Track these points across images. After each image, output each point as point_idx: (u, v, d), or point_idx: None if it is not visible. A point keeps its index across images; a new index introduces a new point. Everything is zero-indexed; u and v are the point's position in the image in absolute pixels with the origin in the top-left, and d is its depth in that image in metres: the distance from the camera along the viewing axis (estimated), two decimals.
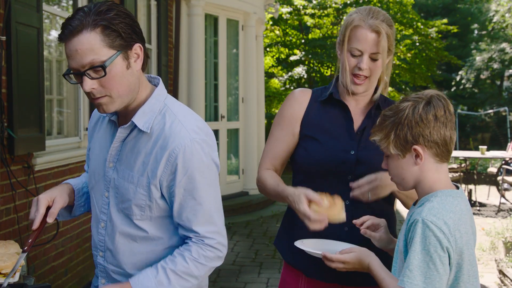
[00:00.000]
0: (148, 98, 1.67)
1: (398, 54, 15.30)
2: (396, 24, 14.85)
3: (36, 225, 1.68)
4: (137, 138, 1.66)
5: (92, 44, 1.51)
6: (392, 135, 1.59)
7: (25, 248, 1.70)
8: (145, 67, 1.66)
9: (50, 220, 1.70)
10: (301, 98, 2.04)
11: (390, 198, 2.00)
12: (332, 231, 1.90)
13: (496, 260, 5.18)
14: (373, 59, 1.91)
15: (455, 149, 10.86)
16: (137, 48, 1.59)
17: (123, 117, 1.70)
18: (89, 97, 1.60)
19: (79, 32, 1.50)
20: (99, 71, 1.53)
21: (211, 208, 1.65)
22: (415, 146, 1.57)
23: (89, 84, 1.54)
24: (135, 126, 1.65)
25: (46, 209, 1.71)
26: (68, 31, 1.51)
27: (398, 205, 8.14)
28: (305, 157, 1.95)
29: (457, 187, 1.64)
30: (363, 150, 1.93)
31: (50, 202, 1.73)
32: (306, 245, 1.83)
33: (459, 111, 18.48)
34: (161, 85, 1.71)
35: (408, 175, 1.62)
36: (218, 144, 8.35)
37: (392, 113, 1.61)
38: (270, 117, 13.86)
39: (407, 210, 1.82)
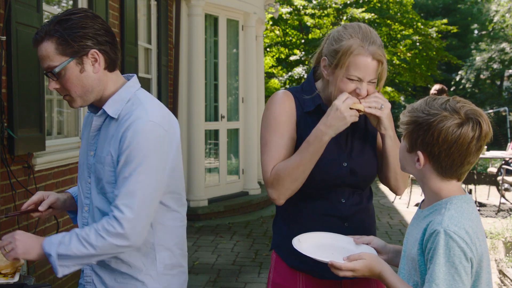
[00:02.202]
0: (118, 90, 1.85)
1: (398, 54, 15.30)
2: (396, 24, 14.86)
3: (24, 207, 1.98)
4: (109, 125, 1.84)
5: (48, 52, 1.76)
6: (411, 127, 1.53)
7: (3, 216, 2.15)
8: (113, 67, 1.85)
9: (41, 208, 1.98)
10: (289, 103, 1.99)
11: (371, 191, 2.08)
12: (332, 227, 1.92)
13: (496, 260, 5.18)
14: (371, 82, 1.89)
15: None
16: (93, 53, 1.78)
17: (98, 109, 1.89)
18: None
19: (40, 42, 1.77)
20: (53, 75, 1.77)
21: (136, 186, 1.71)
22: (419, 152, 1.52)
23: (52, 84, 1.81)
24: (107, 114, 1.84)
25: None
26: (34, 40, 1.79)
27: (397, 203, 8.09)
28: None
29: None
30: (353, 160, 1.95)
31: (45, 196, 2.01)
32: (304, 243, 1.78)
33: None
34: (134, 80, 1.90)
35: (408, 168, 1.59)
36: (218, 144, 8.37)
37: (426, 109, 1.51)
38: None
39: (406, 210, 1.81)
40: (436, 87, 7.05)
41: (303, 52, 14.82)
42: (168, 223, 1.89)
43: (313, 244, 1.79)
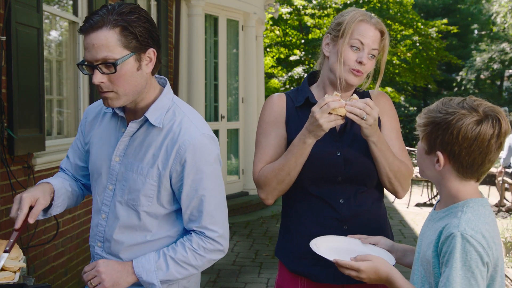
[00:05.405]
0: (158, 96, 1.77)
1: (398, 54, 15.30)
2: (396, 24, 14.86)
3: (18, 225, 1.73)
4: (147, 133, 1.75)
5: (108, 42, 1.59)
6: (429, 128, 1.51)
7: (7, 248, 1.74)
8: (155, 71, 1.75)
9: (31, 220, 1.74)
10: (279, 102, 2.03)
11: (381, 193, 2.03)
12: (331, 230, 1.90)
13: None
14: (372, 55, 1.94)
15: None
16: (150, 52, 1.69)
17: (131, 113, 1.79)
18: (97, 89, 1.69)
19: (99, 28, 1.59)
20: (110, 67, 1.62)
21: (215, 201, 1.74)
22: (439, 153, 1.49)
23: (99, 77, 1.63)
24: (146, 121, 1.75)
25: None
26: (89, 25, 1.60)
27: (397, 203, 8.10)
28: None
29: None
30: (349, 150, 1.92)
31: (33, 202, 1.76)
32: (321, 247, 1.74)
33: None
34: (168, 85, 1.83)
35: (427, 171, 1.56)
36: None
37: (443, 108, 1.49)
38: None
39: (406, 210, 1.79)
40: None
41: (303, 52, 14.82)
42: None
43: (330, 248, 1.75)
